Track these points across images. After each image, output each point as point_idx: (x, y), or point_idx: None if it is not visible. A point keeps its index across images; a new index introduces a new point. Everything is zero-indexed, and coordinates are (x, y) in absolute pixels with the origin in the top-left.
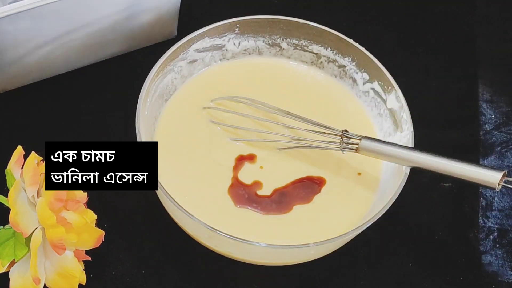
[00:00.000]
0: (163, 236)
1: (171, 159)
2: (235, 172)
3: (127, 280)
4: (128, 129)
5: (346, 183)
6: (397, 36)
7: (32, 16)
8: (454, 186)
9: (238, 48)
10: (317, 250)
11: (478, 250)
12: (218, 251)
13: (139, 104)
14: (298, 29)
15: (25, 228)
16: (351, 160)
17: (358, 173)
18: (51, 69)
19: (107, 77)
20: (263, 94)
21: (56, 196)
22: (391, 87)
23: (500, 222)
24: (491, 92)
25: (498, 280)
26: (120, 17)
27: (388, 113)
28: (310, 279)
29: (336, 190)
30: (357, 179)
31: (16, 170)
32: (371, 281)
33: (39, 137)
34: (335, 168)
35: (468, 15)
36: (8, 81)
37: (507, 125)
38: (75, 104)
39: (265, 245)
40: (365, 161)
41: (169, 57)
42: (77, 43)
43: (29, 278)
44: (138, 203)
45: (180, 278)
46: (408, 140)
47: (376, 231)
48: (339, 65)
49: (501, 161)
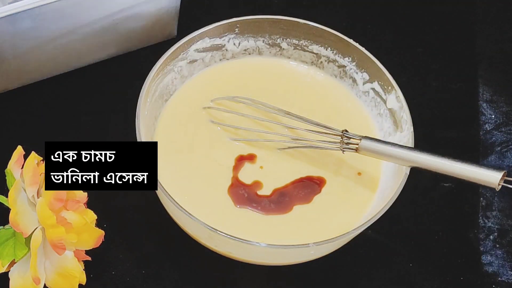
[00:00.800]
0: (163, 236)
1: (171, 159)
2: (235, 172)
3: (127, 280)
4: (128, 129)
5: (346, 183)
6: (397, 36)
7: (32, 16)
8: (454, 186)
9: (238, 48)
10: (317, 250)
11: (478, 250)
12: (218, 251)
13: (139, 104)
14: (298, 29)
15: (25, 228)
16: (351, 160)
17: (358, 173)
18: (51, 69)
19: (107, 77)
20: (263, 94)
21: (56, 196)
22: (391, 87)
23: (500, 222)
24: (491, 92)
25: (498, 280)
26: (120, 17)
27: (388, 113)
28: (310, 279)
29: (336, 190)
30: (357, 179)
31: (16, 170)
32: (371, 281)
33: (39, 137)
34: (335, 168)
35: (468, 15)
36: (8, 81)
37: (507, 125)
38: (75, 104)
39: (265, 245)
40: (365, 161)
41: (169, 57)
42: (77, 43)
43: (29, 278)
44: (138, 203)
45: (180, 278)
46: (408, 140)
47: (376, 231)
48: (339, 65)
49: (501, 161)
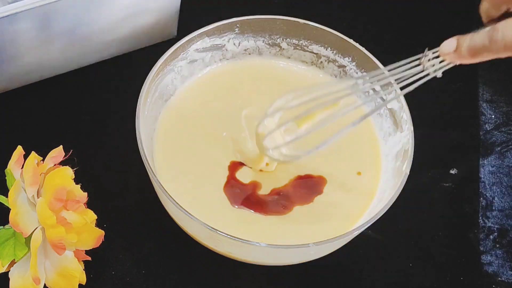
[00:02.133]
0: (163, 236)
1: (171, 159)
2: (235, 172)
3: (127, 280)
4: (128, 129)
5: (346, 183)
6: (397, 36)
7: (32, 16)
8: (454, 186)
9: (238, 48)
10: (317, 250)
11: (478, 250)
12: (218, 251)
13: (139, 104)
14: (298, 29)
15: (25, 228)
16: (351, 160)
17: (358, 173)
18: (51, 69)
19: (107, 77)
20: (263, 94)
21: (56, 196)
22: (391, 87)
23: (500, 222)
24: (491, 92)
25: (498, 280)
26: (120, 17)
27: (388, 113)
28: (310, 279)
29: (336, 190)
30: (357, 179)
31: (16, 170)
32: (371, 281)
33: (39, 137)
34: (335, 168)
35: (468, 15)
36: (8, 81)
37: (507, 125)
38: (75, 104)
39: (265, 245)
40: (365, 161)
41: (169, 57)
42: (77, 43)
43: (29, 278)
44: (138, 203)
45: (180, 278)
46: (408, 140)
47: (376, 231)
48: (339, 65)
49: (501, 161)
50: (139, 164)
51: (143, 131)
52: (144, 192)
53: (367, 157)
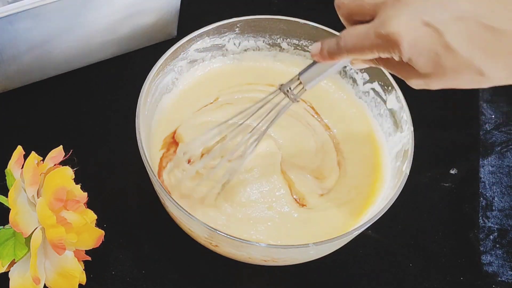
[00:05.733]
0: (163, 236)
1: (170, 159)
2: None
3: (127, 280)
4: (128, 129)
5: (346, 183)
6: None
7: (32, 16)
8: (454, 186)
9: (238, 48)
10: (317, 250)
11: (478, 250)
12: (218, 251)
13: (139, 104)
14: (298, 29)
15: (25, 228)
16: (351, 159)
17: (358, 173)
18: (51, 69)
19: (107, 77)
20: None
21: (56, 196)
22: (391, 87)
23: (500, 222)
24: (491, 92)
25: (498, 280)
26: (120, 17)
27: (388, 113)
28: (310, 279)
29: (336, 190)
30: (357, 179)
31: (16, 170)
32: (371, 281)
33: (39, 137)
34: (335, 168)
35: None
36: (8, 81)
37: (507, 125)
38: (75, 104)
39: (265, 245)
40: (365, 161)
41: (169, 57)
42: (77, 43)
43: (29, 278)
44: (138, 203)
45: (180, 278)
46: (408, 140)
47: (376, 231)
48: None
49: (501, 161)
50: (139, 164)
51: (143, 131)
52: (144, 192)
53: (367, 157)
